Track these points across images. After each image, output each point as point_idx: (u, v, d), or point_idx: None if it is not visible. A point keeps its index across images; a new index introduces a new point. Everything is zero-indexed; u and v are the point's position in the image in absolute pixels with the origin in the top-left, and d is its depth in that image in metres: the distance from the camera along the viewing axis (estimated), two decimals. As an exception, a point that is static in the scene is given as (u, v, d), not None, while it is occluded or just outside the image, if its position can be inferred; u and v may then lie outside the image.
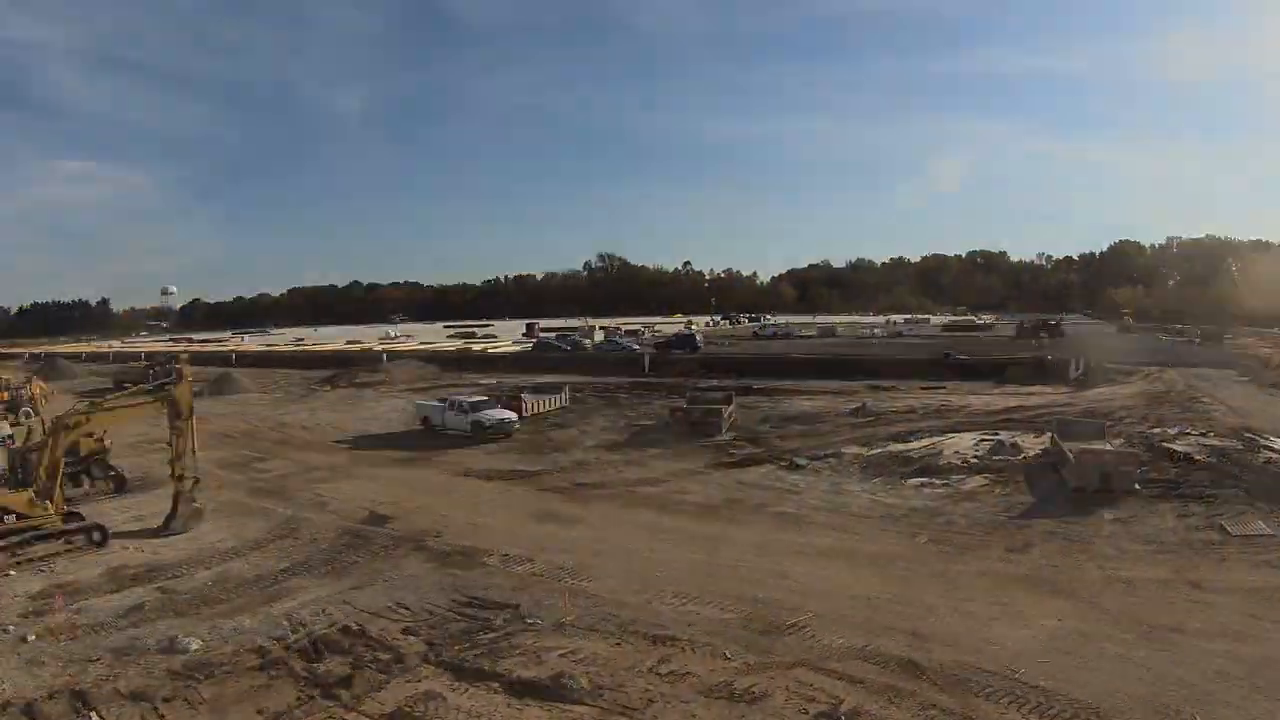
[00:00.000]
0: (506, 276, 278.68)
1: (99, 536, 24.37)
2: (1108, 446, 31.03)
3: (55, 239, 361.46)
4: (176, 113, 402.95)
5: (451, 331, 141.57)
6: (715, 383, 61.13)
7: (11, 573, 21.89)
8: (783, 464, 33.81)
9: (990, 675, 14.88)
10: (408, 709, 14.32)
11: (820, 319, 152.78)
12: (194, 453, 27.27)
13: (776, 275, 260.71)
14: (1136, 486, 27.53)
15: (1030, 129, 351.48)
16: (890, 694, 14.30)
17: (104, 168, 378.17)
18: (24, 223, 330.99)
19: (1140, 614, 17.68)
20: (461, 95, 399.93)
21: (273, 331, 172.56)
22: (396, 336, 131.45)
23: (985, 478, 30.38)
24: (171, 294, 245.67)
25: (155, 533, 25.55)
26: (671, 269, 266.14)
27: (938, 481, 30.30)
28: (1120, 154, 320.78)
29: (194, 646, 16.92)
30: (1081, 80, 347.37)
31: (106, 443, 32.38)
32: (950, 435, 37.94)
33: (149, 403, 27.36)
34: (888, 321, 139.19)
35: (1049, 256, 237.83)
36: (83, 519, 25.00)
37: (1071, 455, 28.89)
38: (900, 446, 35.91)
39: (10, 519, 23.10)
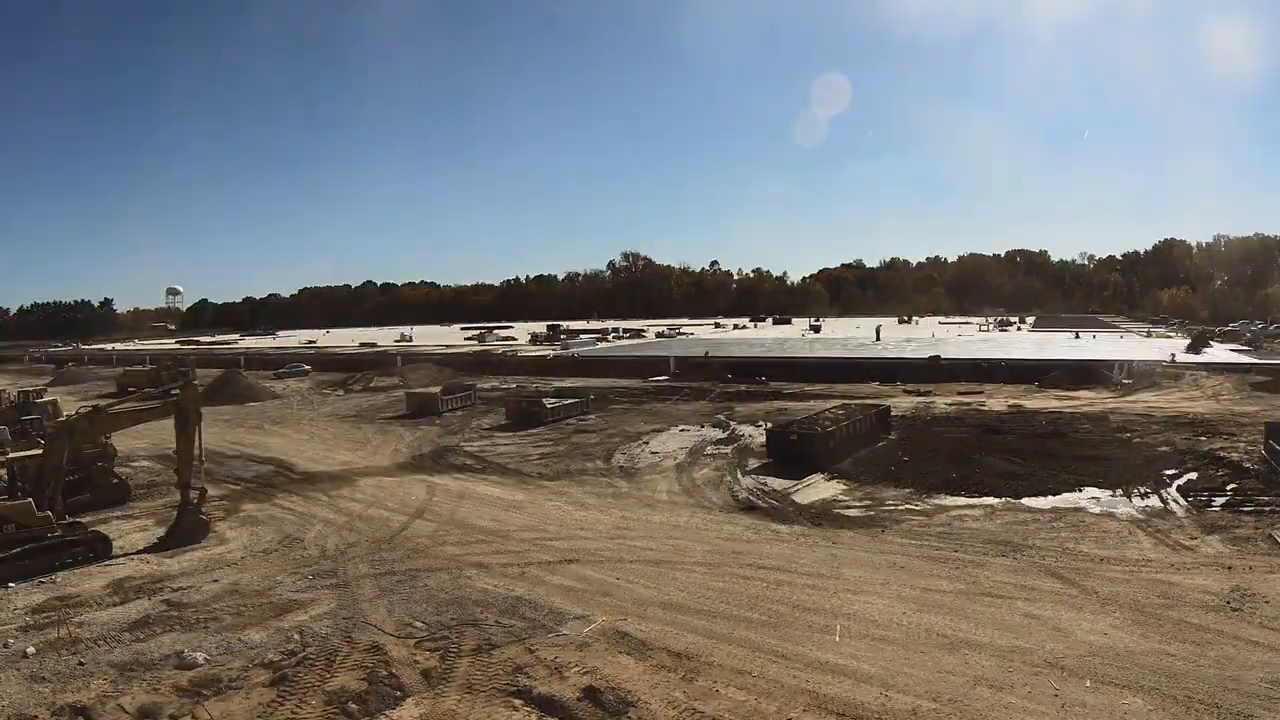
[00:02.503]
0: (527, 277, 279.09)
1: (102, 547, 24.23)
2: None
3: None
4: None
5: (469, 334, 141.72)
6: (742, 387, 61.15)
7: (12, 584, 21.87)
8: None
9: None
10: (424, 728, 14.17)
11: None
12: (201, 462, 27.24)
13: (808, 275, 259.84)
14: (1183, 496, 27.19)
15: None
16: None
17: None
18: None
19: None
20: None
21: (280, 335, 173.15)
22: (412, 339, 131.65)
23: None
24: (178, 294, 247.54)
25: (160, 543, 25.50)
26: (698, 269, 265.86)
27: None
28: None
29: (201, 661, 16.87)
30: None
31: (110, 449, 32.28)
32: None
33: (154, 409, 27.30)
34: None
35: (1091, 256, 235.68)
36: (85, 528, 24.84)
37: None
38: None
39: (10, 529, 23.02)
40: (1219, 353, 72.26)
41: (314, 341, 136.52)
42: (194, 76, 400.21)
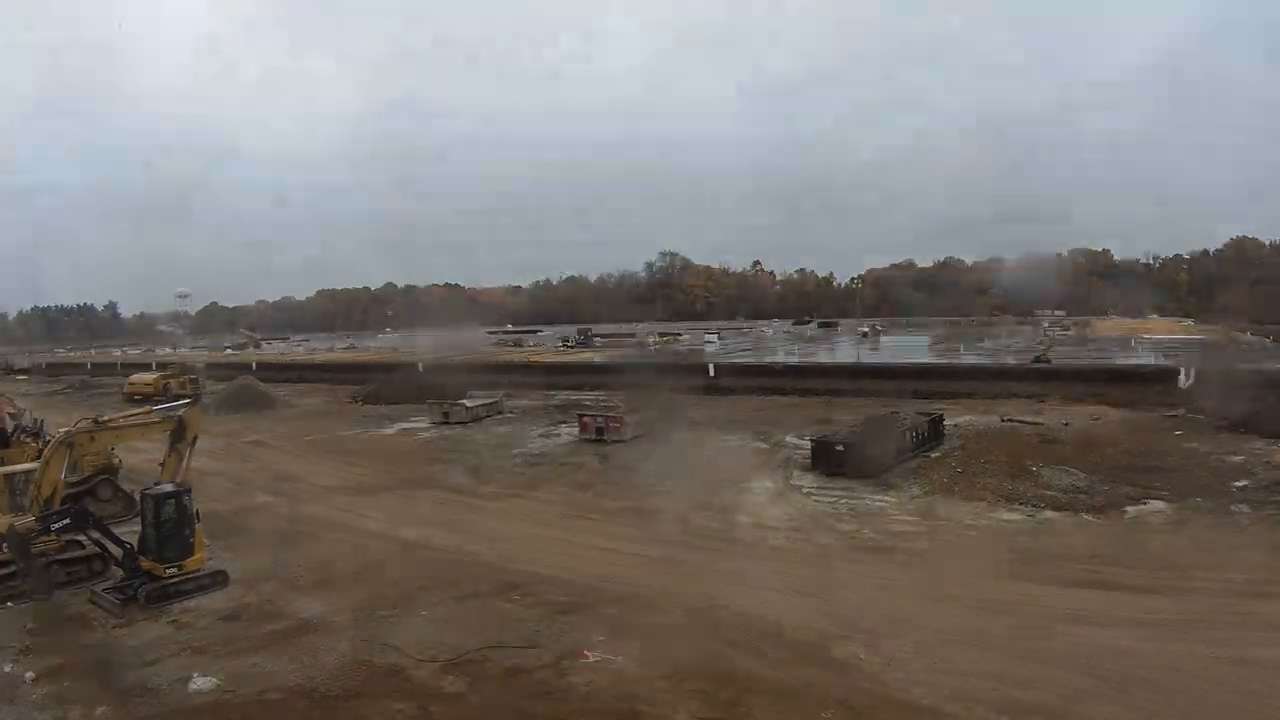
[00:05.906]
0: (557, 277, 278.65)
1: (100, 566, 24.05)
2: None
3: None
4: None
5: (496, 338, 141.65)
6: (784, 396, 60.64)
7: (9, 604, 21.91)
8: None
9: None
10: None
11: None
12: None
13: (855, 276, 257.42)
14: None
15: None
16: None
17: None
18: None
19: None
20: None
21: (293, 339, 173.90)
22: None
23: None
24: (186, 297, 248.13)
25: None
26: (740, 269, 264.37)
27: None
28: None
29: (211, 687, 16.82)
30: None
31: (115, 462, 32.22)
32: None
33: (156, 422, 27.24)
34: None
35: (1156, 255, 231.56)
36: (84, 547, 24.44)
37: None
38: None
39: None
40: None
41: (331, 348, 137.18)
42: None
